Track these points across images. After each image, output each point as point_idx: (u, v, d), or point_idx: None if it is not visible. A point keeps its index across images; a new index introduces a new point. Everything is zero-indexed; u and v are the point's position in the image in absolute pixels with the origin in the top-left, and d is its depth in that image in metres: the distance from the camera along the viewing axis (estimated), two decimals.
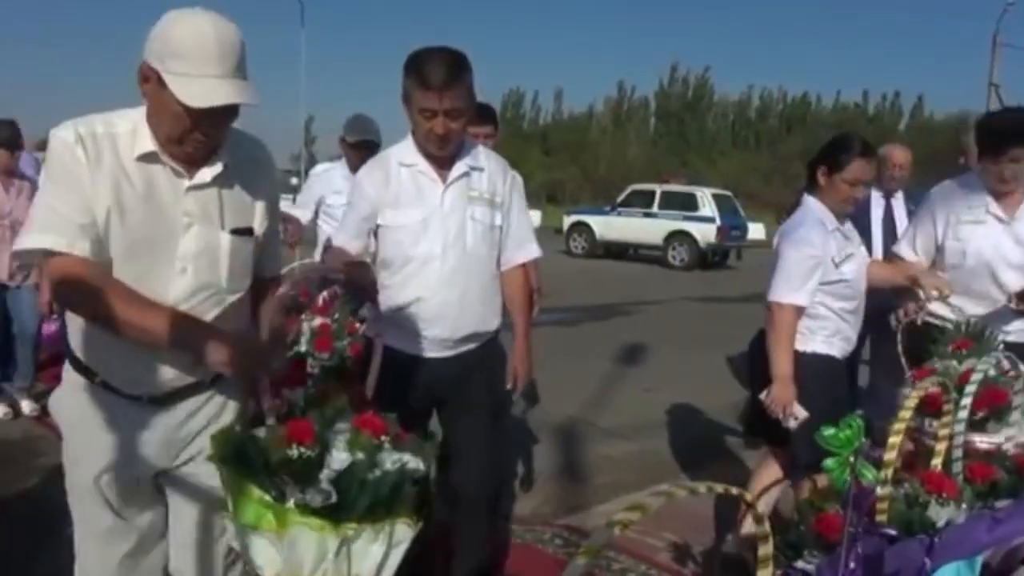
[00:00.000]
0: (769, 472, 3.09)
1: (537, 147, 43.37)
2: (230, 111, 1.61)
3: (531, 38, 78.00)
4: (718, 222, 17.42)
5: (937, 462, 1.91)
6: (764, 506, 2.83)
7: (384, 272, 2.44)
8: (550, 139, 45.79)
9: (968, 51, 68.94)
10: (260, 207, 1.82)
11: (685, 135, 45.27)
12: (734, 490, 1.01)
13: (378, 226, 2.45)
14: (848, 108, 44.34)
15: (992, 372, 2.13)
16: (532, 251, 2.62)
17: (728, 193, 19.52)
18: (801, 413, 2.74)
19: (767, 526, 1.06)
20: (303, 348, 2.09)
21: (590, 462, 4.51)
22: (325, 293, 2.01)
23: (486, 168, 2.47)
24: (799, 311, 2.82)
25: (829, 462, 1.64)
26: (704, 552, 3.29)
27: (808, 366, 2.83)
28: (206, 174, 1.69)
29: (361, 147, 3.78)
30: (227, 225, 1.74)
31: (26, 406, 4.80)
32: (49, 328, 4.89)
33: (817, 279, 2.82)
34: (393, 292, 2.40)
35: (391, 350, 2.18)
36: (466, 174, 2.42)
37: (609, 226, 19.03)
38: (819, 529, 1.71)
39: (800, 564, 1.73)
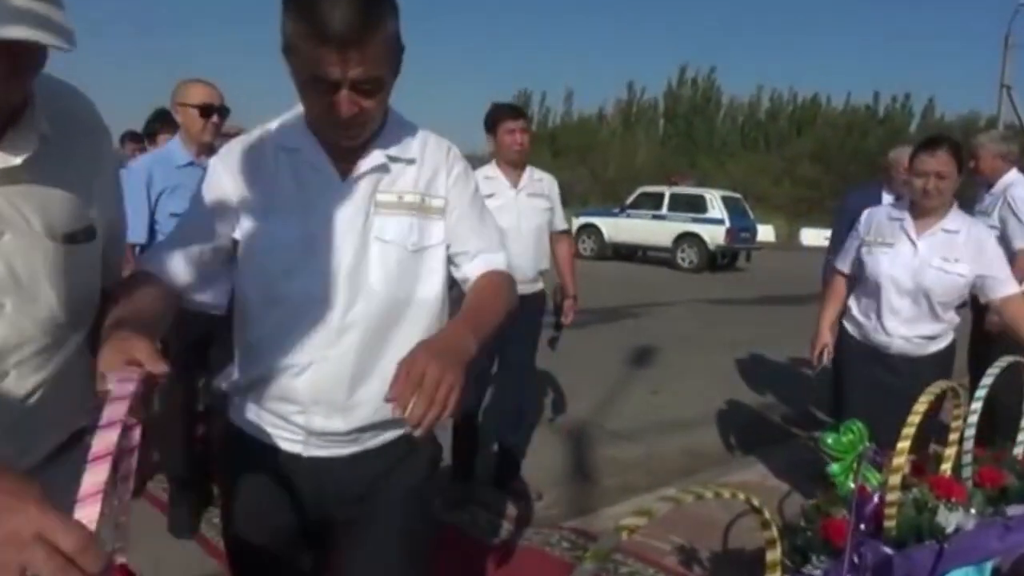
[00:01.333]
0: None
1: (546, 149, 43.33)
2: (27, 52, 0.97)
3: (540, 40, 78.10)
4: (727, 224, 17.38)
5: (946, 467, 1.90)
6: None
7: (239, 318, 1.51)
8: (559, 141, 45.77)
9: (979, 52, 68.57)
10: (97, 193, 1.21)
11: (694, 137, 45.15)
12: (741, 495, 1.01)
13: (233, 241, 1.46)
14: (859, 110, 44.11)
15: None
16: (494, 261, 1.56)
17: (737, 195, 19.48)
18: None
19: (774, 531, 1.06)
20: None
21: (597, 464, 4.51)
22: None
23: (419, 158, 1.48)
24: None
25: (834, 467, 1.64)
26: (711, 555, 3.29)
27: None
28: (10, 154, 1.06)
29: None
30: (56, 229, 1.13)
31: None
32: None
33: None
34: (252, 354, 1.48)
35: (244, 439, 1.50)
36: (381, 168, 1.44)
37: (618, 228, 19.02)
38: (826, 534, 1.70)
39: (807, 569, 1.73)
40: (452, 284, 1.53)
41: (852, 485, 1.55)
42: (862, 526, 1.60)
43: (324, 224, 1.41)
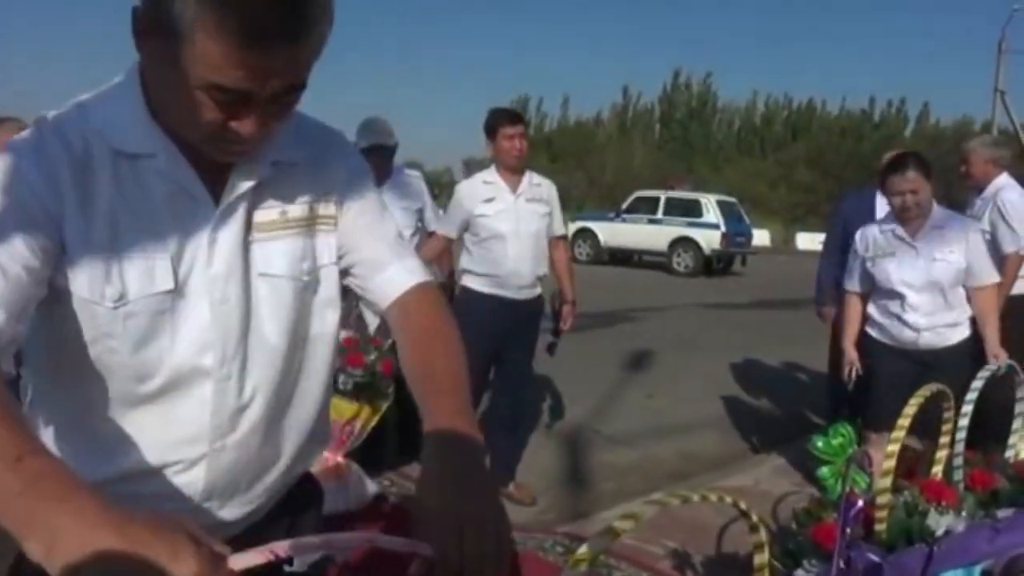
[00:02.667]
0: None
1: (543, 153, 43.40)
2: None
3: (537, 45, 78.28)
4: (722, 228, 17.42)
5: (937, 470, 1.91)
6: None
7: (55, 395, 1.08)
8: (556, 145, 45.84)
9: (974, 57, 68.78)
10: None
11: (690, 141, 45.25)
12: (728, 498, 1.01)
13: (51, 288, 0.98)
14: (854, 114, 44.26)
15: None
16: (415, 272, 1.15)
17: (732, 199, 19.53)
18: None
19: (762, 534, 1.06)
20: None
21: (592, 469, 4.51)
22: None
23: (307, 155, 1.10)
24: None
25: (824, 471, 1.64)
26: (704, 559, 3.29)
27: None
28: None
29: (372, 152, 3.71)
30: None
31: None
32: None
33: None
34: (98, 449, 1.05)
35: None
36: (247, 192, 1.04)
37: (614, 232, 19.05)
38: (817, 538, 1.71)
39: (799, 573, 1.73)
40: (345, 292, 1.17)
41: (840, 489, 1.55)
42: (848, 530, 1.61)
43: (198, 269, 1.01)
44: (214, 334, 1.02)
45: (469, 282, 3.75)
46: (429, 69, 78.48)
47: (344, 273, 1.15)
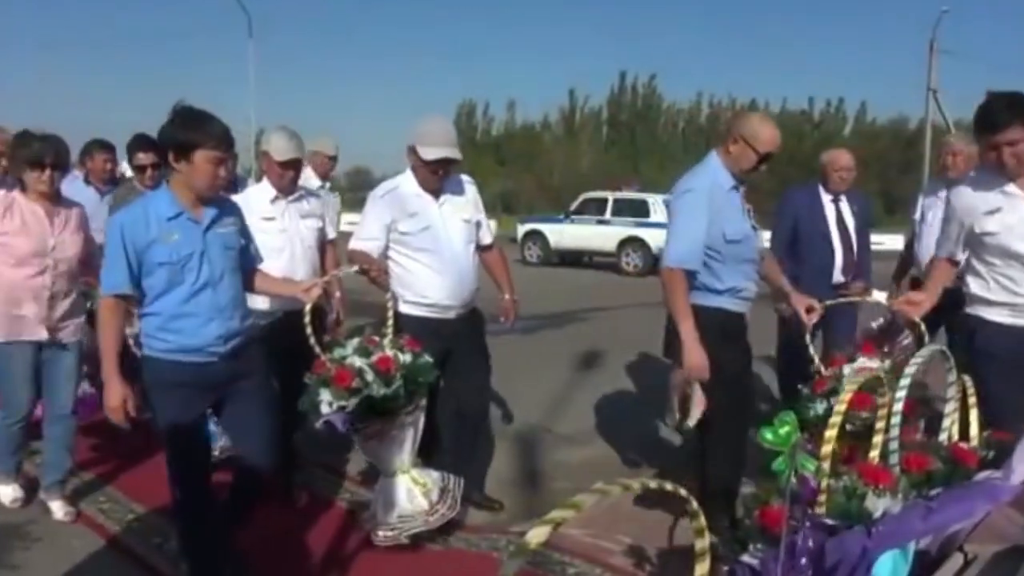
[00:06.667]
0: None
1: (491, 157, 43.47)
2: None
3: (481, 49, 78.38)
4: None
5: (875, 454, 1.96)
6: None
7: None
8: (504, 149, 45.94)
9: (907, 58, 70.91)
10: None
11: (637, 143, 45.76)
12: (668, 486, 1.03)
13: None
14: (794, 115, 45.23)
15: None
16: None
17: None
18: None
19: (701, 520, 1.08)
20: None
21: (546, 469, 4.53)
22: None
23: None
24: None
25: (778, 462, 1.67)
26: (658, 552, 3.32)
27: None
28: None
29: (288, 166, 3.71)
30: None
31: (58, 508, 3.58)
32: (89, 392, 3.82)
33: None
34: None
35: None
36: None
37: (563, 234, 19.16)
38: (763, 522, 1.74)
39: (746, 558, 1.76)
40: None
41: (792, 476, 1.58)
42: (797, 513, 1.64)
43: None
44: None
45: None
46: (370, 76, 77.95)
47: None
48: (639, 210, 18.25)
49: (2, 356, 3.46)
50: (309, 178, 5.59)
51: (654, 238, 17.61)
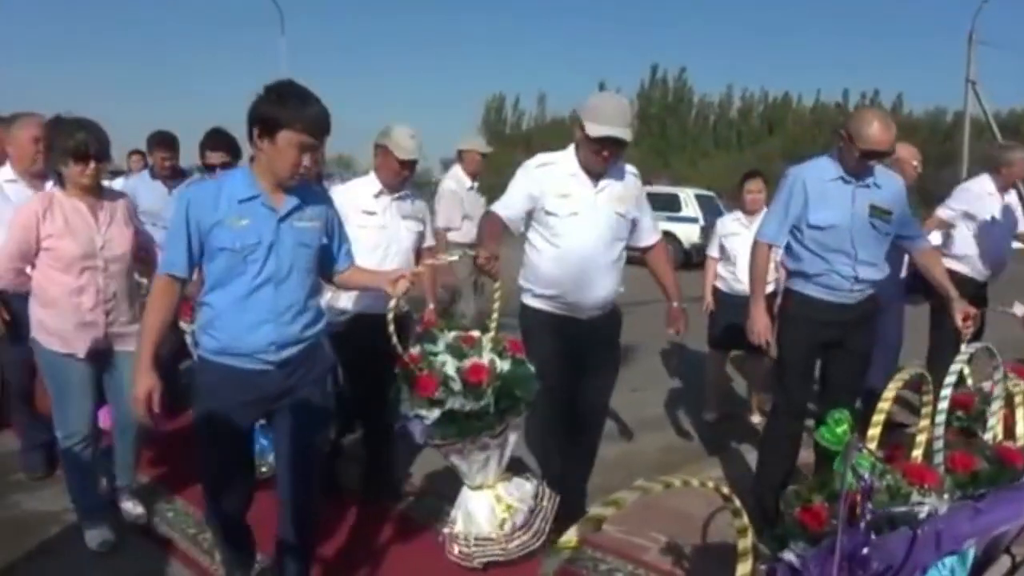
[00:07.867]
0: None
1: (521, 151, 43.44)
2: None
3: (512, 43, 78.19)
4: (701, 222, 17.48)
5: (918, 453, 1.92)
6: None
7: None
8: (534, 143, 45.85)
9: (946, 49, 69.45)
10: None
11: (667, 136, 45.39)
12: (710, 483, 1.01)
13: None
14: (828, 107, 44.56)
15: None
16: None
17: (711, 193, 19.62)
18: None
19: (745, 519, 1.06)
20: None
21: None
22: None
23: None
24: None
25: (837, 463, 1.63)
26: (692, 549, 3.29)
27: None
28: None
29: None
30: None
31: (131, 508, 3.49)
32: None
33: None
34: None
35: None
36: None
37: None
38: (804, 520, 1.71)
39: (785, 555, 1.73)
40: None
41: (850, 476, 1.54)
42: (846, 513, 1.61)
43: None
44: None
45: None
46: (402, 69, 78.19)
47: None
48: (670, 204, 18.10)
49: (56, 369, 3.12)
50: (462, 178, 5.57)
51: (686, 232, 17.50)
